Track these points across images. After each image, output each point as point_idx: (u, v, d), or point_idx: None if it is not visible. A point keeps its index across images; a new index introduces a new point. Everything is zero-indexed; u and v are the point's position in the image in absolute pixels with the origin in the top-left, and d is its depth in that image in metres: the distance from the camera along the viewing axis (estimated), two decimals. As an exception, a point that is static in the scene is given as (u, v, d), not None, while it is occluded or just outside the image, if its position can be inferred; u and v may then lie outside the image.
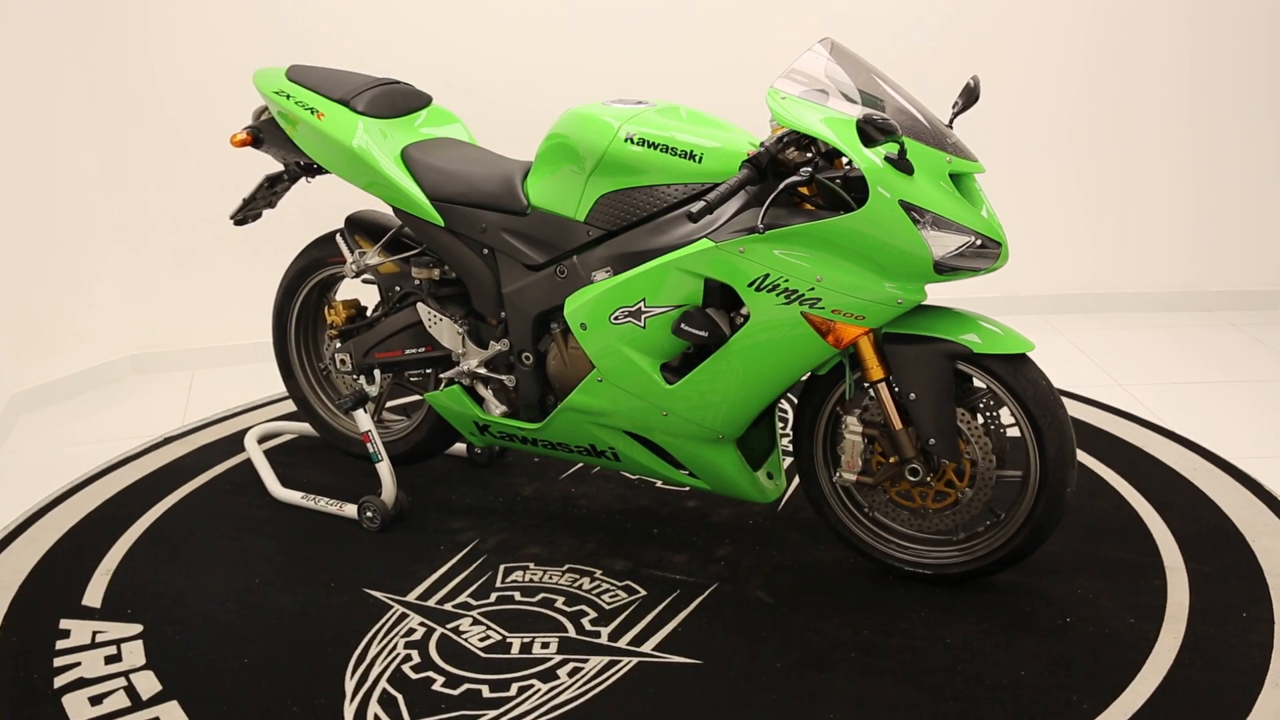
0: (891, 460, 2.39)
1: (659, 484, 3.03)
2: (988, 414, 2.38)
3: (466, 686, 2.20)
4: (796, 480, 2.77)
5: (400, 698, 2.17)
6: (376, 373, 2.88)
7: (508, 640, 2.35)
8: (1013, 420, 2.36)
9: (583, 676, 2.22)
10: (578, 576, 2.59)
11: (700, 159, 2.35)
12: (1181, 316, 4.38)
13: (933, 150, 2.20)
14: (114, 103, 3.77)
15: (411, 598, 2.52)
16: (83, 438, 3.53)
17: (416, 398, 3.31)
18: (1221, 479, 2.92)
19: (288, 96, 2.74)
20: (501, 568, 2.64)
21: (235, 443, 3.33)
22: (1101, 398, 3.51)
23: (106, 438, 3.50)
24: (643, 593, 2.52)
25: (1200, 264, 4.41)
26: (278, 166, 2.99)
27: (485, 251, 2.63)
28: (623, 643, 2.33)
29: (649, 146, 2.37)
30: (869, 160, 2.14)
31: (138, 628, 2.43)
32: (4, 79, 3.53)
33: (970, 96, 2.39)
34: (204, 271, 3.97)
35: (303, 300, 3.04)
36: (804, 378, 2.47)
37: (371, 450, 2.83)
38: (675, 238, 2.37)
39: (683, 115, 2.48)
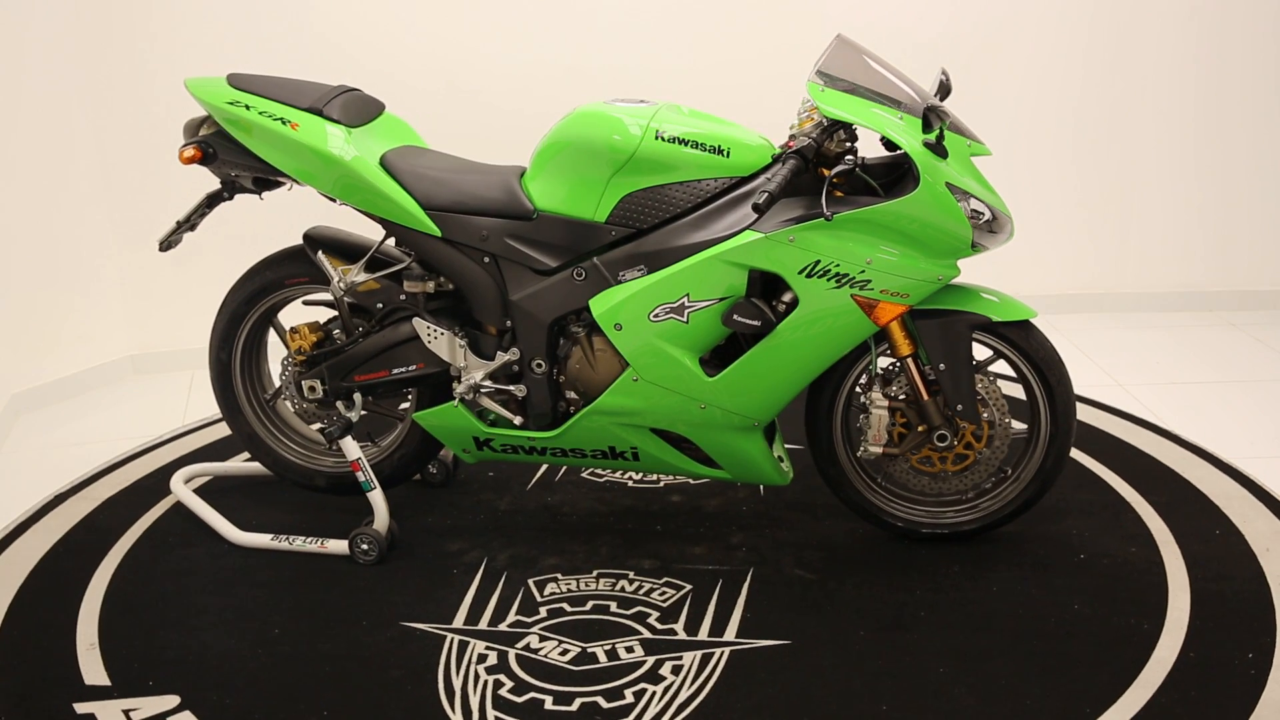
0: (920, 429, 2.55)
1: (630, 483, 3.04)
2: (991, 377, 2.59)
3: (580, 701, 2.14)
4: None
5: (518, 723, 2.09)
6: (357, 397, 2.71)
7: (588, 650, 2.31)
8: (1019, 380, 2.58)
9: (688, 674, 2.22)
10: (614, 580, 2.57)
11: (728, 153, 2.41)
12: (1181, 316, 4.40)
13: (958, 136, 2.37)
14: (115, 103, 3.76)
15: (459, 624, 2.41)
16: (83, 438, 3.51)
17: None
18: (1211, 472, 3.04)
19: (247, 107, 2.52)
20: (530, 582, 2.57)
21: (149, 492, 3.03)
22: (1101, 398, 3.54)
23: (106, 438, 3.48)
24: (687, 587, 2.54)
25: (1200, 264, 4.42)
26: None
27: (486, 259, 2.55)
28: (703, 635, 2.35)
29: (680, 143, 2.40)
30: (919, 147, 2.28)
31: (174, 699, 2.17)
32: (7, 80, 3.54)
33: (944, 91, 2.57)
34: (203, 272, 3.86)
35: (250, 327, 2.81)
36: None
37: (363, 479, 2.67)
38: (714, 232, 2.40)
39: (685, 113, 2.52)
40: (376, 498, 2.68)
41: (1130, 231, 4.39)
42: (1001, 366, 2.64)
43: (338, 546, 2.69)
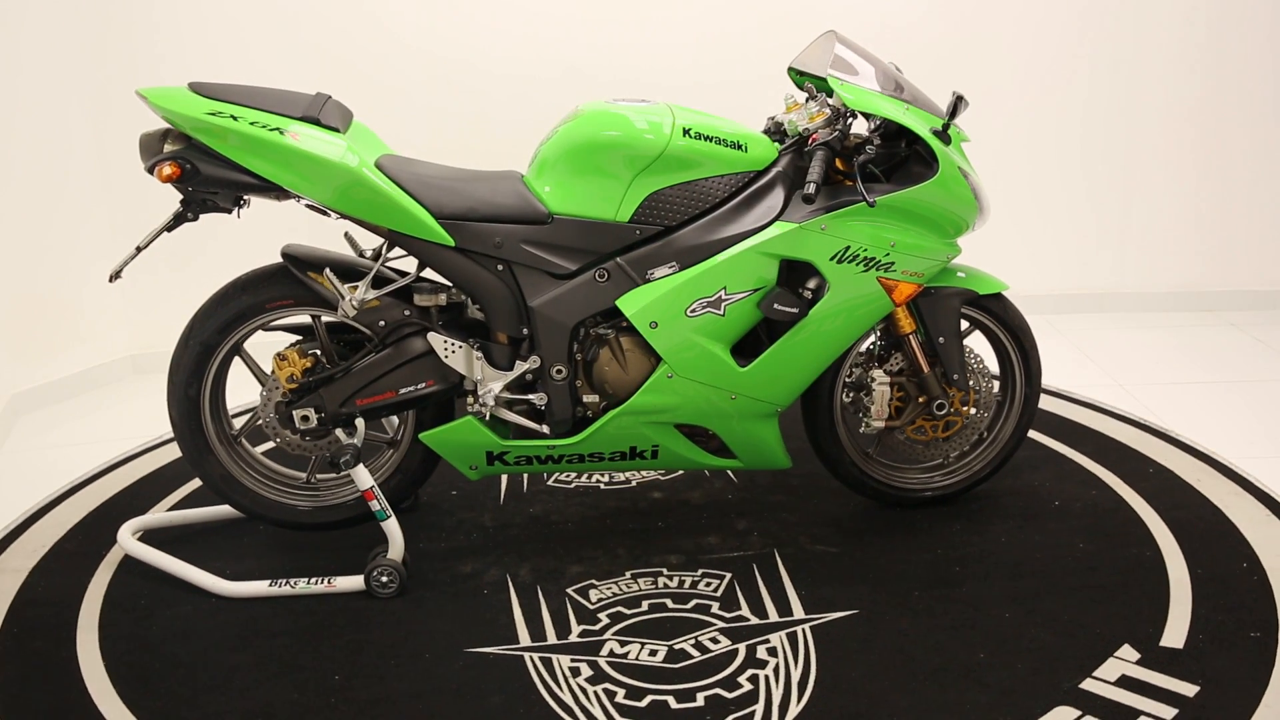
0: (920, 400, 2.72)
1: (602, 485, 3.05)
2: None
3: (703, 696, 2.14)
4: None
5: (658, 725, 2.06)
6: (359, 422, 2.55)
7: (675, 647, 2.31)
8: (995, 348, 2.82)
9: (785, 654, 2.27)
10: (651, 578, 2.57)
11: (746, 148, 2.48)
12: (1181, 316, 4.42)
13: (953, 125, 2.56)
14: (115, 103, 3.76)
15: (527, 643, 2.33)
16: (83, 438, 3.52)
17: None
18: (1126, 428, 3.31)
19: (233, 118, 2.32)
20: (570, 592, 2.52)
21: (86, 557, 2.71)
22: (1101, 398, 3.57)
23: (106, 438, 3.50)
24: (727, 575, 2.58)
25: (1200, 264, 4.43)
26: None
27: (500, 267, 2.48)
28: (774, 617, 2.40)
29: (705, 140, 2.44)
30: (933, 136, 2.45)
31: (272, 764, 1.98)
32: (6, 79, 3.56)
33: (899, 84, 2.77)
34: (203, 272, 3.82)
35: (222, 358, 2.57)
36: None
37: (377, 507, 2.51)
38: (744, 225, 2.47)
39: (692, 111, 2.56)
40: (392, 526, 2.53)
41: (1130, 231, 4.42)
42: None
43: (349, 583, 2.52)
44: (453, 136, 3.56)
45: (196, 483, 3.08)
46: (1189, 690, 2.09)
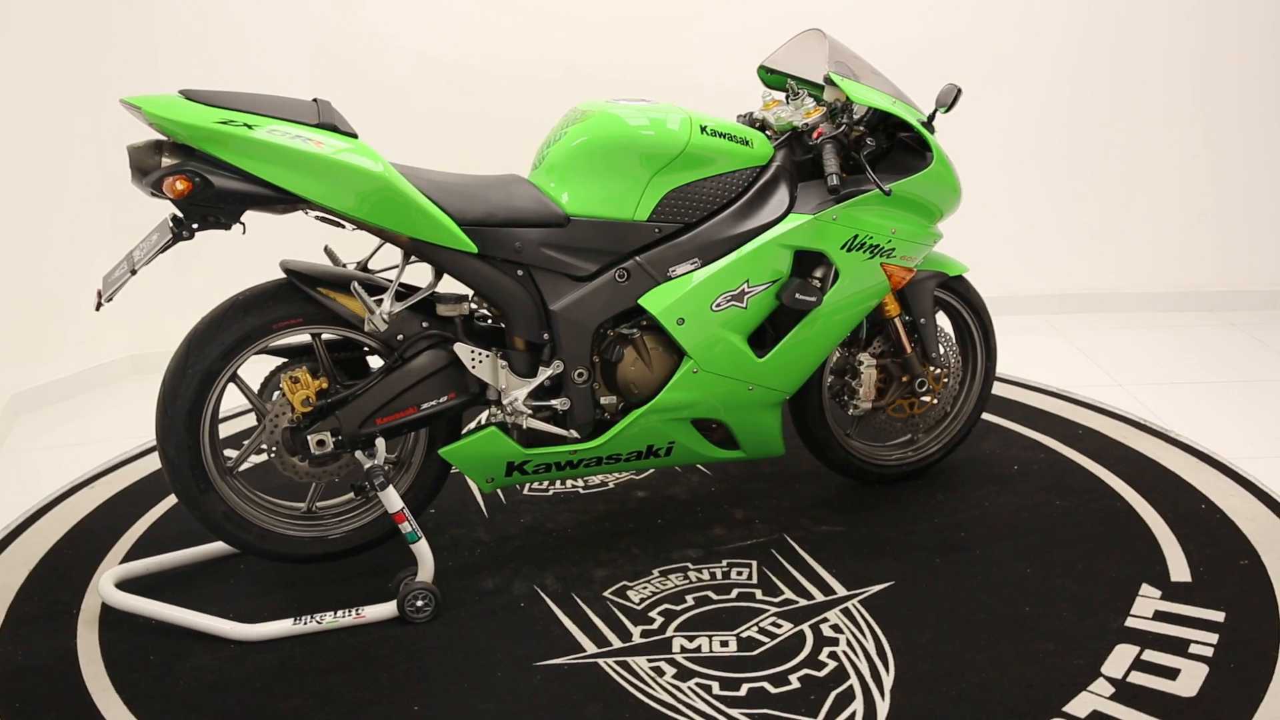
0: (903, 380, 2.87)
1: (582, 489, 3.03)
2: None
3: (794, 679, 2.19)
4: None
5: (764, 713, 2.09)
6: (380, 442, 2.43)
7: (743, 635, 2.34)
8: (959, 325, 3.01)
9: (850, 630, 2.35)
10: (680, 574, 2.59)
11: (751, 143, 2.55)
12: (1181, 316, 4.43)
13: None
14: (115, 104, 3.71)
15: (593, 650, 2.30)
16: (83, 438, 3.52)
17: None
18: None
19: (248, 126, 2.16)
20: (607, 595, 2.51)
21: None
22: (1101, 398, 3.59)
23: (106, 438, 3.50)
24: (752, 562, 2.63)
25: (1200, 264, 4.44)
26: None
27: (519, 272, 2.44)
28: (820, 597, 2.47)
29: (719, 136, 2.49)
30: (925, 128, 2.60)
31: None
32: (8, 81, 3.57)
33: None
34: (204, 271, 3.90)
35: (221, 387, 2.38)
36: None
37: (408, 529, 2.41)
38: (760, 219, 2.53)
39: (694, 110, 2.60)
40: (423, 548, 2.43)
41: (1131, 231, 4.43)
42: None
43: (380, 611, 2.40)
44: (450, 138, 3.45)
45: (134, 534, 2.83)
46: (1219, 616, 2.32)
